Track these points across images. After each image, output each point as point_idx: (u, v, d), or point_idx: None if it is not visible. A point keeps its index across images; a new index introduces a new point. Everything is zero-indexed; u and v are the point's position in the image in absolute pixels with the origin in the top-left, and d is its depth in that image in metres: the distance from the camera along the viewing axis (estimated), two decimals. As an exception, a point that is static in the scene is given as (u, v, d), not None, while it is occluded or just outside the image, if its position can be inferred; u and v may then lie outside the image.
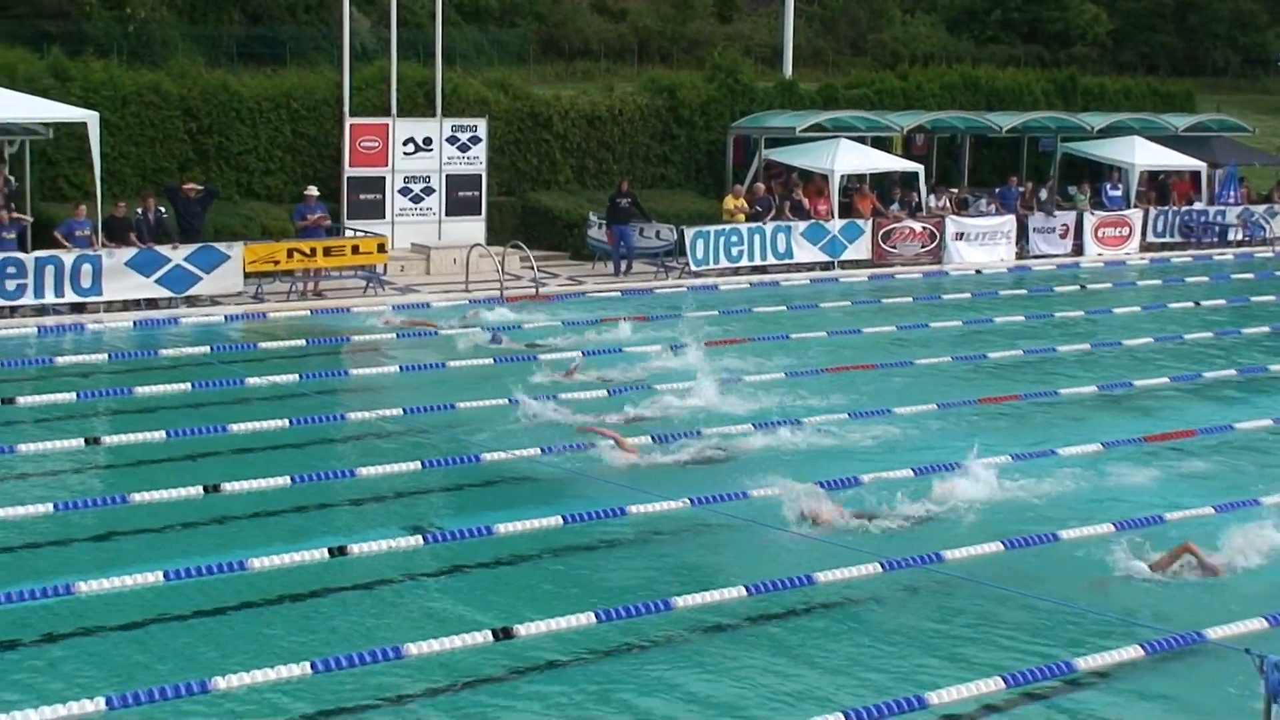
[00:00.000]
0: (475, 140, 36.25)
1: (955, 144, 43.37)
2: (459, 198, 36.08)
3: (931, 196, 39.41)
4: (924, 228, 38.18)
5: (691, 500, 17.39)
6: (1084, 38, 73.37)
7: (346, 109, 34.94)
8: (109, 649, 13.08)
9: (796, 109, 41.33)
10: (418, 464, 18.78)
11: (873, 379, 24.77)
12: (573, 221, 36.68)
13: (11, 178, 30.14)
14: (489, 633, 13.24)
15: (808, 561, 15.49)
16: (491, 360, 25.22)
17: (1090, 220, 40.90)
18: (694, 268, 34.52)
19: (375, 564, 15.30)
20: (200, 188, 31.02)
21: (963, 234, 38.68)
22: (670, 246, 35.01)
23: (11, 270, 27.74)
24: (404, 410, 21.52)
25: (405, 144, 35.46)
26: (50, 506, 16.68)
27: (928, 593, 15.19)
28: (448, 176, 35.88)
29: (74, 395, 22.23)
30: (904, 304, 32.84)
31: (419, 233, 35.46)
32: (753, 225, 35.56)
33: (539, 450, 19.44)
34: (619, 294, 32.44)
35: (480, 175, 36.33)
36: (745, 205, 35.97)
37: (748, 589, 14.64)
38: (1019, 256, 39.59)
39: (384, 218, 35.01)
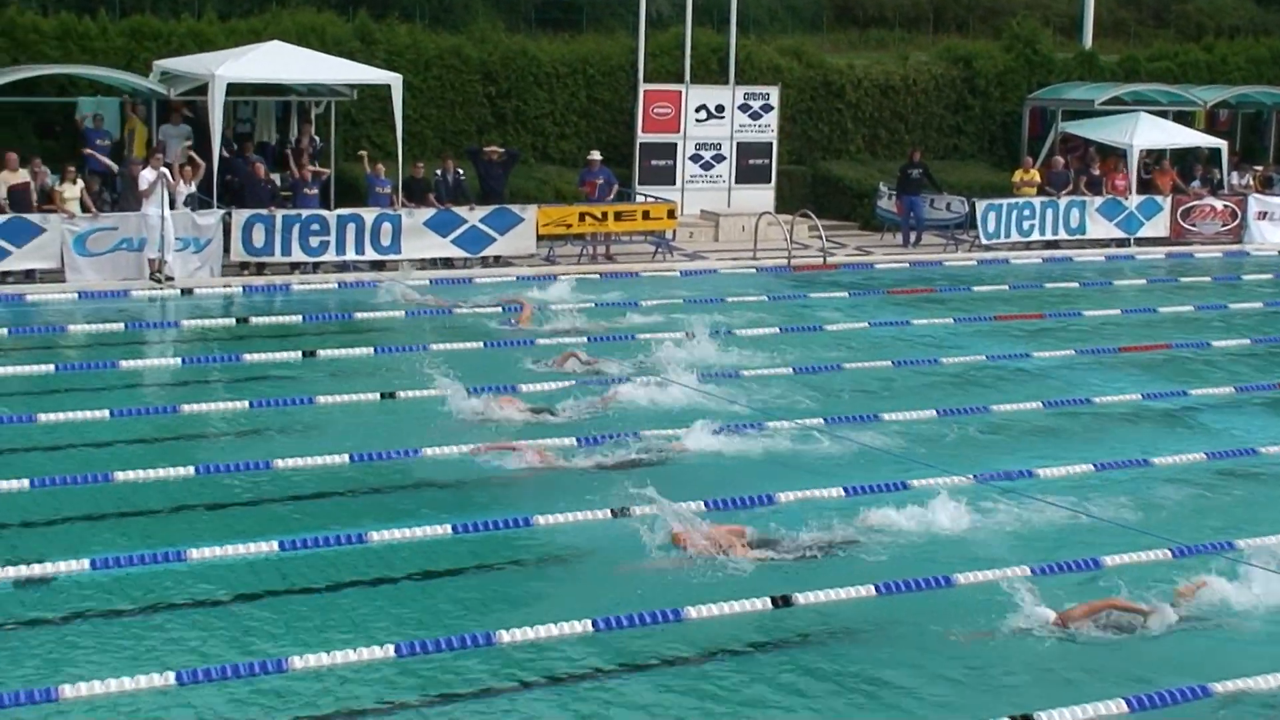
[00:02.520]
0: (767, 108, 36.10)
1: (1261, 120, 41.82)
2: (749, 165, 35.98)
3: (1234, 174, 38.08)
4: (1225, 206, 36.86)
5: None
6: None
7: (641, 75, 35.07)
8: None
9: (1095, 81, 40.28)
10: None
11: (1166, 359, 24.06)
12: (862, 191, 36.32)
13: (317, 137, 30.97)
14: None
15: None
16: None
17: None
18: (984, 240, 33.93)
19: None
20: (502, 150, 31.46)
21: (1266, 213, 37.20)
22: (960, 219, 34.43)
23: (315, 227, 28.51)
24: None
25: (697, 110, 35.47)
26: (345, 458, 17.13)
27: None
28: (739, 144, 35.80)
29: (370, 350, 22.75)
30: (1202, 283, 31.82)
31: (708, 199, 35.47)
32: (1045, 199, 34.79)
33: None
34: (907, 265, 32.02)
35: (771, 143, 36.17)
36: (1036, 178, 35.20)
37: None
38: (1327, 239, 38.04)
39: (674, 184, 35.08)
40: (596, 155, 32.46)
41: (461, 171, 30.60)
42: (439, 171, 30.36)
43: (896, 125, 39.18)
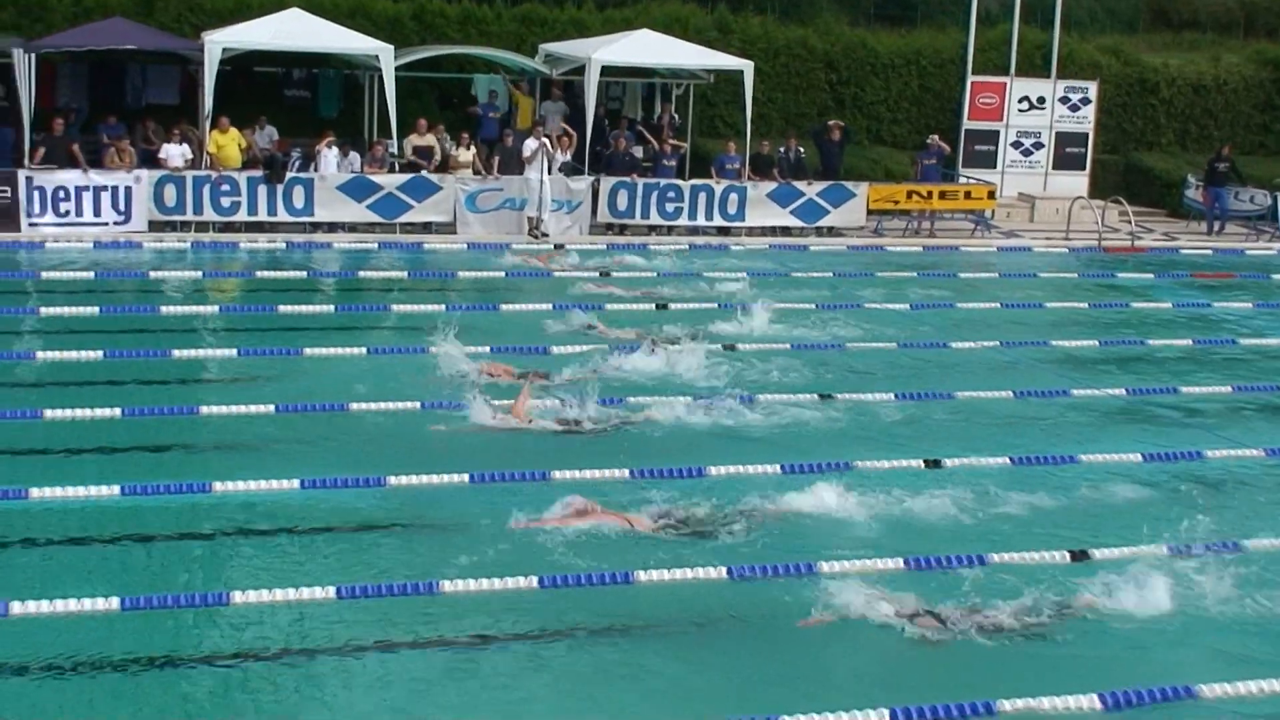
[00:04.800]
0: (1085, 101, 35.32)
1: None
2: (1066, 153, 35.28)
3: None
4: None
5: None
6: None
7: (969, 67, 34.71)
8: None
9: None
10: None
11: None
12: (1171, 181, 35.27)
13: (676, 115, 31.45)
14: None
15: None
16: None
17: None
18: (1285, 232, 32.74)
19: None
20: (843, 125, 31.54)
21: None
22: (1263, 211, 33.17)
23: (671, 195, 29.01)
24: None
25: (1020, 101, 34.93)
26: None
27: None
28: (1057, 133, 35.14)
29: (715, 305, 23.02)
30: None
31: (1026, 183, 34.91)
32: (1348, 194, 33.34)
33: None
34: (1210, 252, 31.05)
35: (1088, 134, 35.40)
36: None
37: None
38: None
39: (995, 168, 34.62)
40: (935, 138, 32.15)
41: (803, 150, 30.70)
42: (782, 149, 30.53)
43: (1206, 121, 37.92)
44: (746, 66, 29.98)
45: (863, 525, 13.43)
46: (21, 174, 25.80)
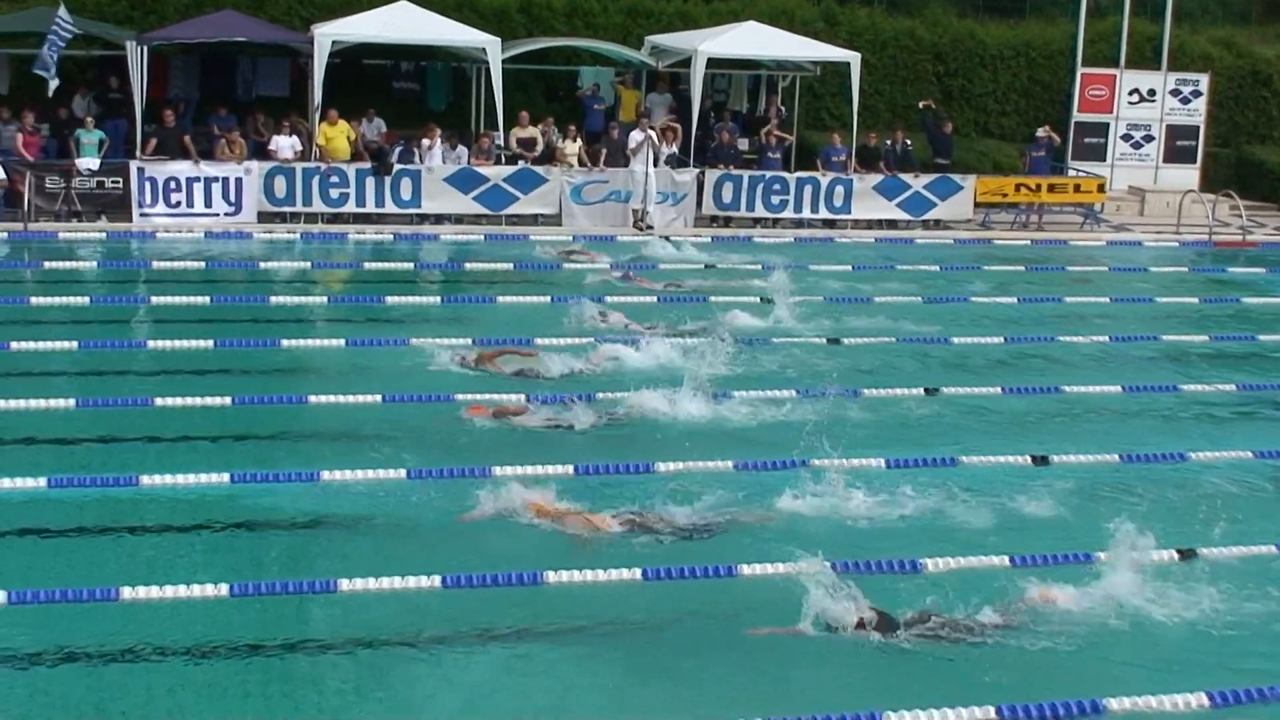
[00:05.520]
0: (1196, 94, 34.65)
1: None
2: (1176, 146, 34.61)
3: None
4: None
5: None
6: None
7: (1079, 59, 34.22)
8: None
9: None
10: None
11: None
12: (1285, 175, 34.65)
13: (783, 107, 31.28)
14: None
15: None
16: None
17: None
18: (1403, 226, 31.98)
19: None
20: (944, 114, 31.27)
21: None
22: (1380, 205, 32.53)
23: (776, 187, 28.86)
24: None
25: (1130, 94, 34.32)
26: (792, 392, 17.05)
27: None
28: (1168, 126, 34.51)
29: (821, 298, 22.85)
30: None
31: (1136, 176, 34.33)
32: None
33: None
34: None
35: (1198, 127, 34.71)
36: None
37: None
38: None
39: (1104, 160, 34.06)
40: (1044, 131, 31.73)
41: (910, 142, 30.43)
42: (889, 141, 30.27)
43: (1321, 114, 37.20)
44: (853, 58, 29.74)
45: (969, 522, 13.25)
46: (134, 165, 26.17)
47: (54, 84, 25.75)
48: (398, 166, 27.16)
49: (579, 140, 28.60)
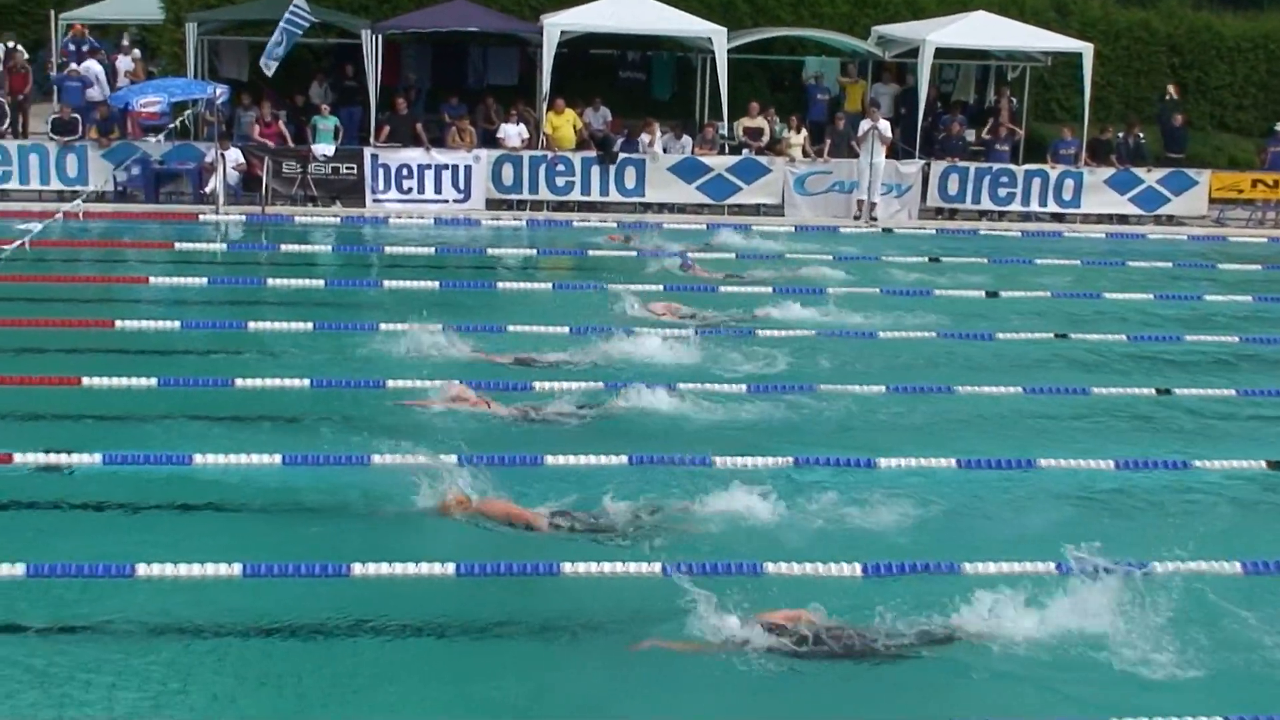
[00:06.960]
0: None
1: None
2: None
3: None
4: None
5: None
6: None
7: (1323, 51, 33.07)
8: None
9: None
10: None
11: None
12: None
13: (1013, 99, 30.67)
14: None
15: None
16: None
17: None
18: None
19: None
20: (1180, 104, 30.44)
21: None
22: None
23: (1004, 180, 28.37)
24: None
25: (1378, 87, 33.06)
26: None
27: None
28: None
29: (1049, 294, 22.34)
30: None
31: (1382, 172, 32.93)
32: None
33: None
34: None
35: None
36: None
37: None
38: None
39: (1349, 156, 32.76)
40: None
41: (1143, 135, 29.63)
42: (1122, 134, 29.52)
43: None
44: (1086, 49, 29.07)
45: (1194, 528, 12.79)
46: (367, 151, 26.73)
47: (272, 66, 26.09)
48: (622, 155, 27.29)
49: (804, 130, 28.41)
